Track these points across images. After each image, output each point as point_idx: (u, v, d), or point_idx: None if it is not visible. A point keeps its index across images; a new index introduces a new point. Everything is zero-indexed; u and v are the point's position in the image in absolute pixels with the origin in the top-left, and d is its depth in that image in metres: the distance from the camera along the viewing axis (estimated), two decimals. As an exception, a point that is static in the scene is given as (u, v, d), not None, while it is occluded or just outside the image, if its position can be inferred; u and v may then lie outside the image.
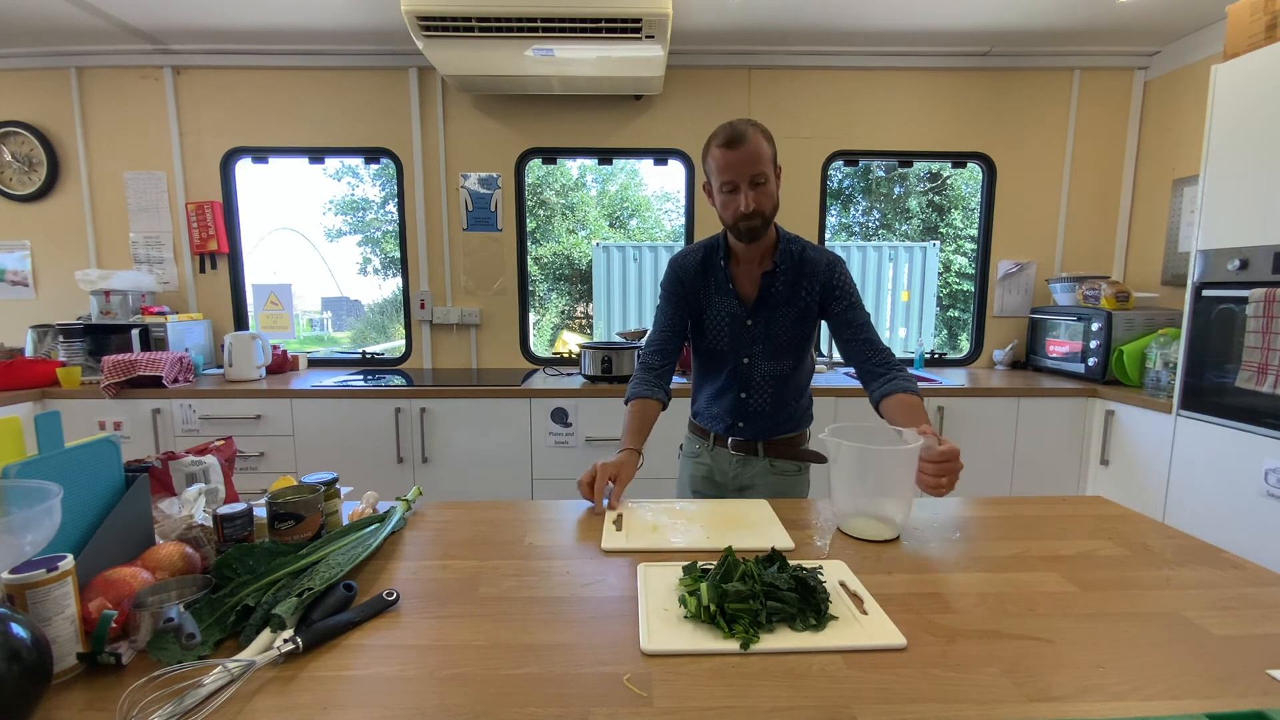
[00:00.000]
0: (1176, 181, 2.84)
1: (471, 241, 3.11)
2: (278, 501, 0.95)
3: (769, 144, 1.26)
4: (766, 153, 1.25)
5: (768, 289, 1.37)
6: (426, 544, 1.05)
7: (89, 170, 3.01)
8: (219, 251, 3.08)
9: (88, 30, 2.72)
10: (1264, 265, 1.91)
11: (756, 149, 1.23)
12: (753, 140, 1.23)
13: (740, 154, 1.23)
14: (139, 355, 2.57)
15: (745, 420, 1.45)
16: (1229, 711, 0.61)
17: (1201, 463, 2.13)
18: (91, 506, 0.83)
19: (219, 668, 0.66)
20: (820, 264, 1.36)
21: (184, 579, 0.81)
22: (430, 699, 0.65)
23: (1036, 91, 3.05)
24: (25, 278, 3.07)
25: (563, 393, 2.56)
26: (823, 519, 1.17)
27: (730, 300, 1.40)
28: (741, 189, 1.25)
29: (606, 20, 2.21)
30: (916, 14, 2.61)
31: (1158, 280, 2.95)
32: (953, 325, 8.33)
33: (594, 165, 8.38)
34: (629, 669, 0.70)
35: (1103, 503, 1.26)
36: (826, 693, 0.66)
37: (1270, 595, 0.87)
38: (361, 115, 3.02)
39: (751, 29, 2.74)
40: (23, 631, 0.60)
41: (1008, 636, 0.76)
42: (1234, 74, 1.99)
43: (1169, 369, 2.39)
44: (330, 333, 10.76)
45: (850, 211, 9.06)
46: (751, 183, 1.24)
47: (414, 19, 2.20)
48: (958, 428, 2.62)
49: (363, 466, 2.57)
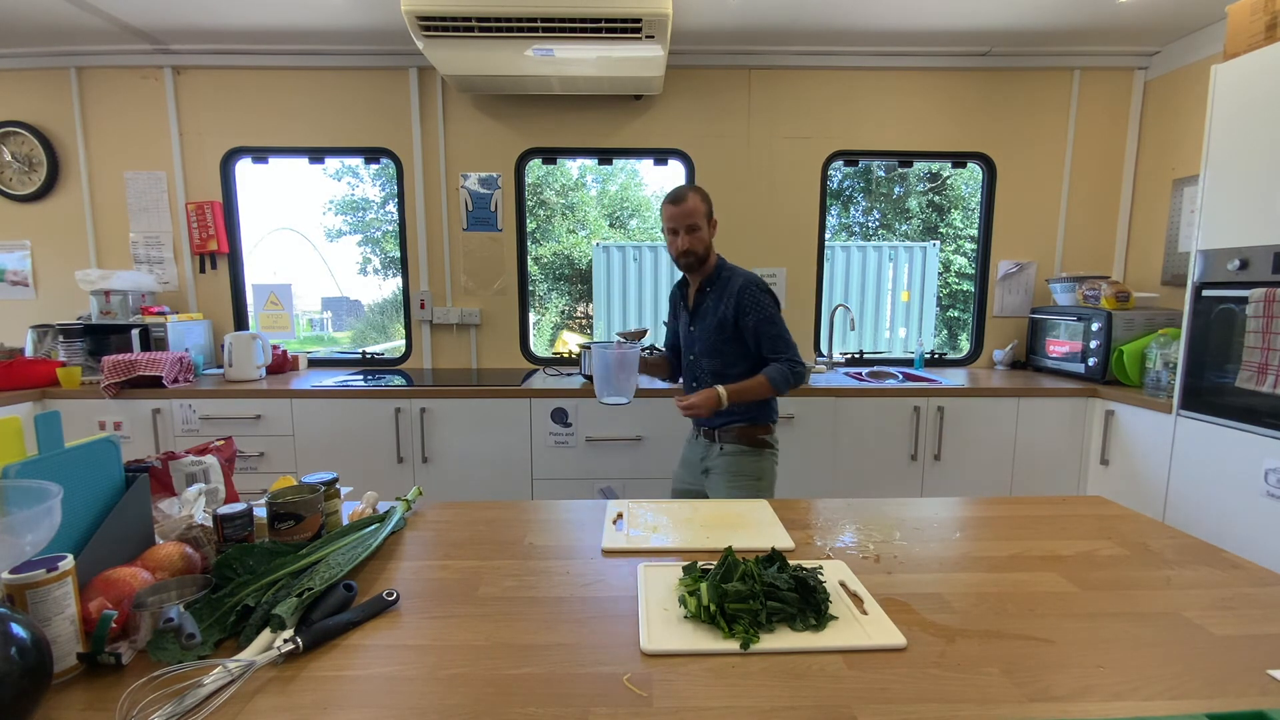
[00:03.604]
0: (1176, 181, 2.84)
1: (471, 241, 3.11)
2: (278, 501, 0.95)
3: (704, 203, 1.71)
4: (700, 209, 1.69)
5: (699, 303, 1.81)
6: (426, 544, 1.05)
7: (89, 170, 3.01)
8: (219, 251, 3.08)
9: (88, 30, 2.72)
10: (1264, 265, 1.91)
11: (692, 206, 1.68)
12: (690, 200, 1.68)
13: (679, 209, 1.69)
14: (139, 355, 2.57)
15: None
16: (1229, 711, 0.61)
17: (1201, 463, 2.13)
18: (91, 506, 0.83)
19: (219, 668, 0.66)
20: (735, 285, 1.73)
21: (184, 579, 0.81)
22: (430, 699, 0.65)
23: (1036, 91, 3.05)
24: (25, 278, 3.07)
25: (563, 393, 2.56)
26: (822, 518, 1.17)
27: (684, 313, 1.88)
28: (680, 233, 1.70)
29: (606, 20, 2.20)
30: (916, 14, 2.61)
31: (1158, 280, 2.95)
32: (953, 325, 8.33)
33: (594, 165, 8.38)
34: (629, 669, 0.70)
35: (1103, 503, 1.26)
36: (826, 693, 0.66)
37: (1270, 595, 0.87)
38: (361, 115, 3.02)
39: (751, 29, 2.74)
40: (23, 631, 0.60)
41: (1007, 636, 0.76)
42: (1234, 74, 1.99)
43: (1169, 369, 2.39)
44: (330, 333, 10.76)
45: (850, 211, 9.05)
46: (687, 229, 1.70)
47: (414, 19, 2.20)
48: (958, 428, 2.62)
49: (363, 466, 2.57)
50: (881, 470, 2.64)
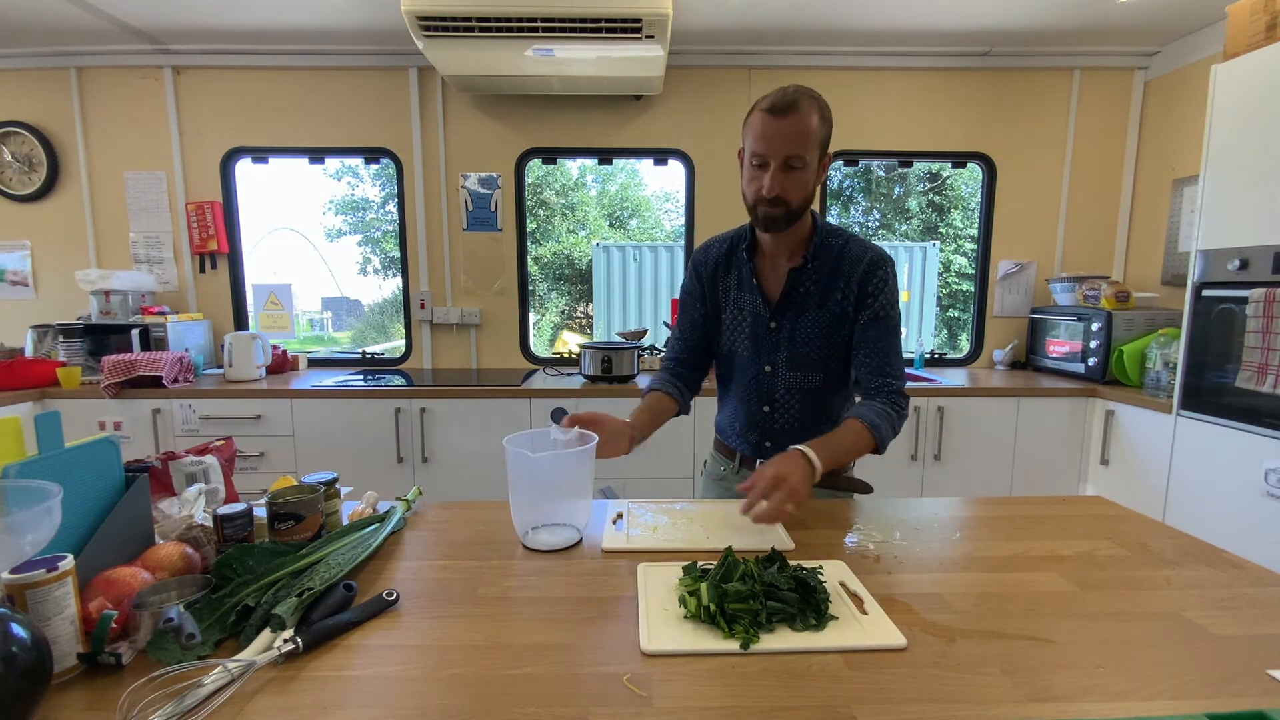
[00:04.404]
0: (1176, 181, 2.84)
1: (471, 241, 3.10)
2: (278, 501, 0.95)
3: (822, 124, 1.08)
4: (815, 134, 1.06)
5: (794, 288, 1.20)
6: (426, 544, 1.05)
7: (89, 170, 3.01)
8: (219, 251, 3.08)
9: (88, 30, 2.72)
10: (1264, 265, 1.91)
11: (803, 126, 1.05)
12: (803, 113, 1.04)
13: (782, 125, 1.05)
14: (139, 355, 2.57)
15: (772, 440, 1.27)
16: (1229, 711, 0.61)
17: (1201, 463, 2.13)
18: (91, 506, 0.83)
19: (219, 668, 0.66)
20: (861, 261, 1.17)
21: (184, 579, 0.81)
22: (430, 699, 0.65)
23: (1036, 91, 3.05)
24: (25, 278, 3.07)
25: (563, 393, 2.56)
26: (822, 519, 1.17)
27: (754, 298, 1.24)
28: (771, 168, 1.07)
29: (606, 20, 2.20)
30: (916, 14, 2.61)
31: (1158, 280, 2.95)
32: (953, 325, 8.33)
33: (594, 165, 8.38)
34: (629, 669, 0.70)
35: (1103, 503, 1.26)
36: (826, 693, 0.65)
37: (1270, 595, 0.87)
38: (361, 115, 3.02)
39: (751, 29, 2.74)
40: (23, 631, 0.60)
41: (1008, 636, 0.76)
42: (1234, 74, 1.99)
43: (1169, 369, 2.39)
44: (330, 333, 10.75)
45: (850, 211, 9.05)
46: (785, 164, 1.07)
47: (414, 19, 2.20)
48: (958, 428, 2.62)
49: (363, 466, 2.57)
50: (882, 470, 2.64)
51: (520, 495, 1.04)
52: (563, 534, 1.05)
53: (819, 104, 1.08)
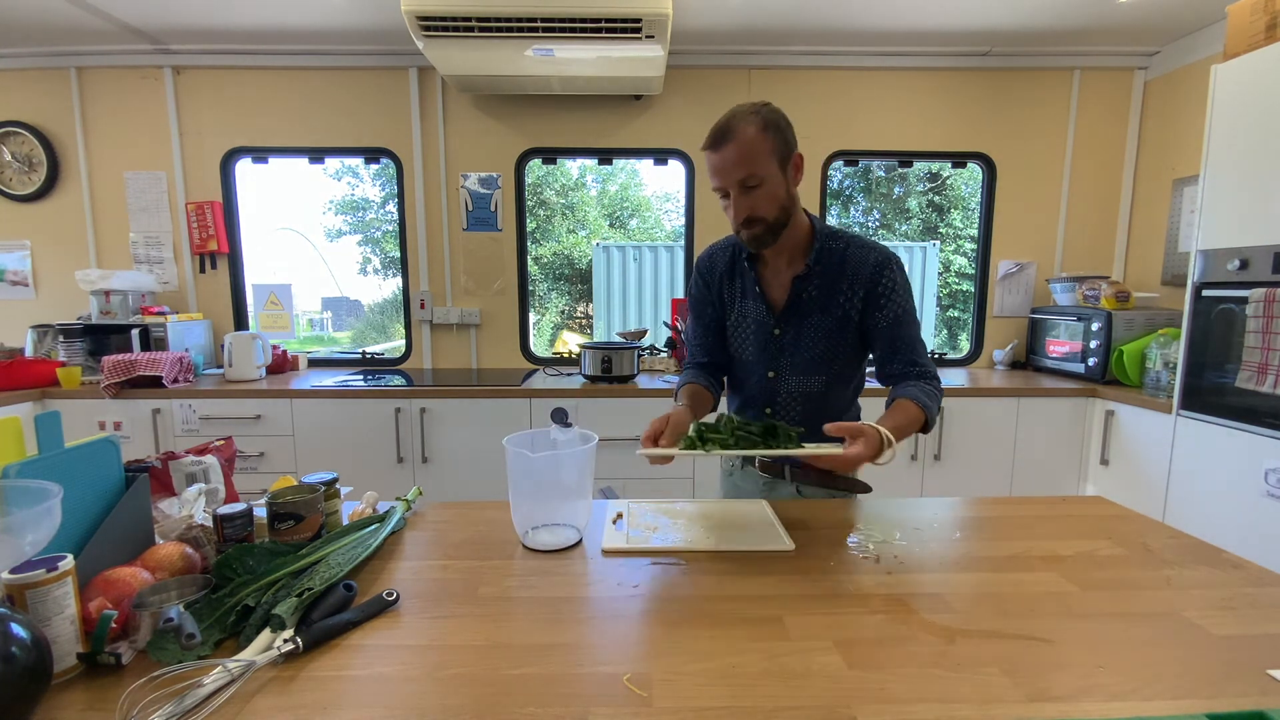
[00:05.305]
0: (1176, 181, 2.84)
1: (471, 241, 3.10)
2: (278, 501, 0.95)
3: (768, 133, 1.07)
4: (761, 147, 1.06)
5: (798, 294, 1.21)
6: (426, 544, 1.05)
7: (89, 170, 3.01)
8: (219, 251, 3.08)
9: (88, 30, 2.72)
10: (1264, 265, 1.91)
11: (743, 148, 1.05)
12: (739, 136, 1.05)
13: (722, 156, 1.07)
14: (139, 355, 2.57)
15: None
16: (1229, 711, 0.61)
17: (1201, 463, 2.13)
18: (91, 506, 0.83)
19: (219, 668, 0.66)
20: (866, 264, 1.17)
21: (184, 579, 0.81)
22: (430, 699, 0.65)
23: (1036, 91, 3.05)
24: (25, 278, 3.07)
25: (563, 393, 2.56)
26: (822, 519, 1.17)
27: (757, 305, 1.25)
28: (732, 195, 1.10)
29: (606, 20, 2.20)
30: (916, 14, 2.61)
31: (1158, 280, 2.95)
32: (953, 325, 8.33)
33: (594, 165, 8.37)
34: (629, 669, 0.70)
35: (1103, 503, 1.26)
36: (826, 693, 0.65)
37: (1270, 595, 0.87)
38: (361, 115, 3.01)
39: (751, 29, 2.74)
40: (23, 631, 0.60)
41: (1008, 636, 0.76)
42: (1234, 74, 1.99)
43: (1169, 369, 2.39)
44: (330, 333, 10.75)
45: (850, 211, 9.05)
46: (742, 187, 1.08)
47: (414, 19, 2.20)
48: (958, 428, 2.62)
49: (363, 466, 2.57)
50: (881, 470, 2.63)
51: (520, 495, 1.04)
52: (563, 534, 1.05)
53: (760, 116, 1.08)
